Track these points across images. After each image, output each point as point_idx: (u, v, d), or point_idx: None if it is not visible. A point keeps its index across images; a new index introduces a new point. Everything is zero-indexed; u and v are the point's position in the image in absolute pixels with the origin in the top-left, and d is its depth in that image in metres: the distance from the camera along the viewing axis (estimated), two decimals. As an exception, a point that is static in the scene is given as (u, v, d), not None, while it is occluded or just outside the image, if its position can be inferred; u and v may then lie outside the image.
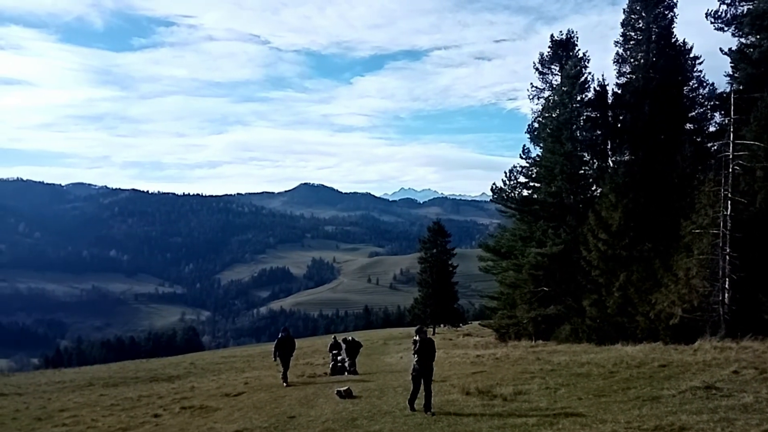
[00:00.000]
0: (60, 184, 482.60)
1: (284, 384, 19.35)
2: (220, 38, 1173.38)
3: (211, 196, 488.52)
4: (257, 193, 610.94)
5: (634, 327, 25.26)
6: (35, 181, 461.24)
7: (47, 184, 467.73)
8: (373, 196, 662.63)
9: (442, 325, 54.26)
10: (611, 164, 33.52)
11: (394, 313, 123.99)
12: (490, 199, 38.80)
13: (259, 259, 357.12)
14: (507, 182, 36.33)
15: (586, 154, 33.98)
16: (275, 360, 20.20)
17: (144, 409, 18.18)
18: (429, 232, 57.42)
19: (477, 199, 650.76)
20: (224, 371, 32.17)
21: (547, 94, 35.33)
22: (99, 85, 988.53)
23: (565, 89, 32.17)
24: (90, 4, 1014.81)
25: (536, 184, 35.70)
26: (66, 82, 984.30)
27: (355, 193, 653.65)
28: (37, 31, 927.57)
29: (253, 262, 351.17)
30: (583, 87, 32.28)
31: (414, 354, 12.36)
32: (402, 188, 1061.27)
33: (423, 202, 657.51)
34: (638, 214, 27.55)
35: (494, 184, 36.66)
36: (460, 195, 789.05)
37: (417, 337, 12.46)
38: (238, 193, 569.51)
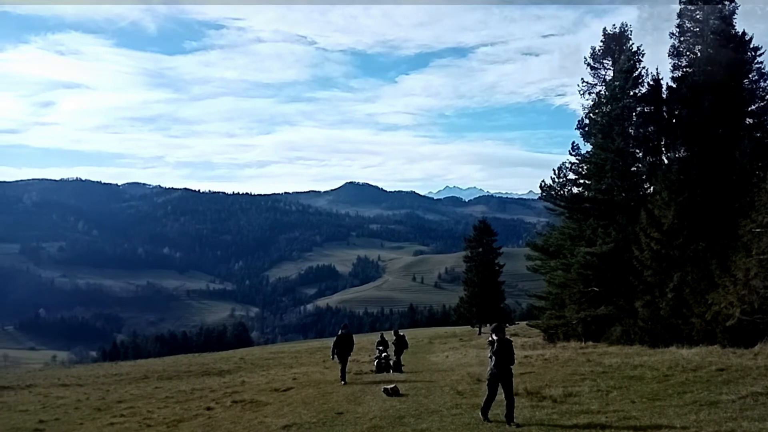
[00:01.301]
0: (116, 184, 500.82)
1: (342, 382, 18.90)
2: (268, 39, 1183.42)
3: (260, 195, 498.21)
4: (304, 192, 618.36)
5: (689, 329, 24.37)
6: (93, 181, 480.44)
7: (105, 183, 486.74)
8: (418, 194, 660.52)
9: (488, 325, 53.77)
10: (665, 161, 32.43)
11: (439, 312, 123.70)
12: (539, 197, 38.07)
13: (305, 257, 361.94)
14: (556, 179, 35.55)
15: (638, 151, 32.97)
16: (333, 358, 19.62)
17: (197, 402, 18.74)
18: (475, 231, 57.03)
19: (524, 197, 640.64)
20: (273, 367, 32.78)
21: (598, 89, 34.42)
22: (153, 88, 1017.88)
23: (617, 84, 31.28)
24: (144, 10, 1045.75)
25: (586, 181, 34.82)
26: (122, 85, 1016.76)
27: (399, 191, 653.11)
28: (94, 37, 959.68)
29: (300, 260, 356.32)
30: (637, 81, 31.27)
31: (491, 356, 10.91)
32: (447, 186, 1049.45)
33: (468, 201, 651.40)
34: (693, 213, 26.58)
35: (543, 181, 35.93)
36: (506, 193, 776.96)
37: (494, 336, 10.92)
38: (285, 192, 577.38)
